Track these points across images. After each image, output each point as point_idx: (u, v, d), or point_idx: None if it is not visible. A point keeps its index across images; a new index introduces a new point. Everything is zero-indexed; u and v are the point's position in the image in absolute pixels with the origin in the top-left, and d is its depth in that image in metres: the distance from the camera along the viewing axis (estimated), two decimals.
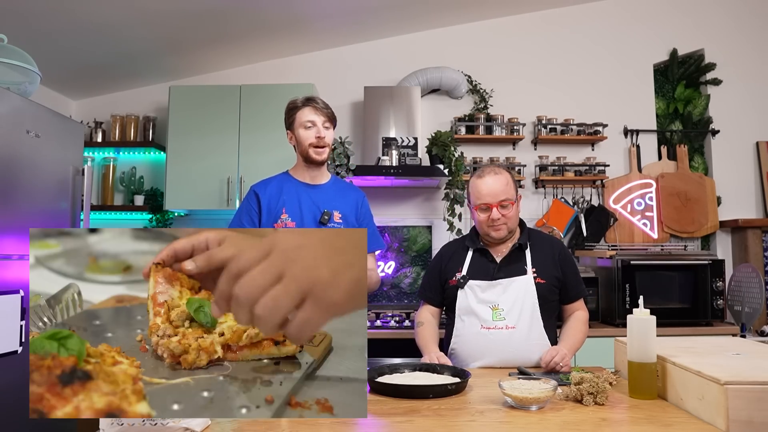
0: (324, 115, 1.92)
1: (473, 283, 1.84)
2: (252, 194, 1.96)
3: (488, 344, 1.78)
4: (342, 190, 2.05)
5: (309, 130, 1.90)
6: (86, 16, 2.84)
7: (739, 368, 1.22)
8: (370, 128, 3.45)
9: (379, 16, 3.47)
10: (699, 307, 3.06)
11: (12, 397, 2.03)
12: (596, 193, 3.63)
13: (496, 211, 1.83)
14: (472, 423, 1.20)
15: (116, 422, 1.07)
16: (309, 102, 1.92)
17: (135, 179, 3.70)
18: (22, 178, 2.20)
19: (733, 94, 3.72)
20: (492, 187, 1.84)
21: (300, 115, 1.91)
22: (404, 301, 3.58)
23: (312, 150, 1.91)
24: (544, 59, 3.75)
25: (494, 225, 1.84)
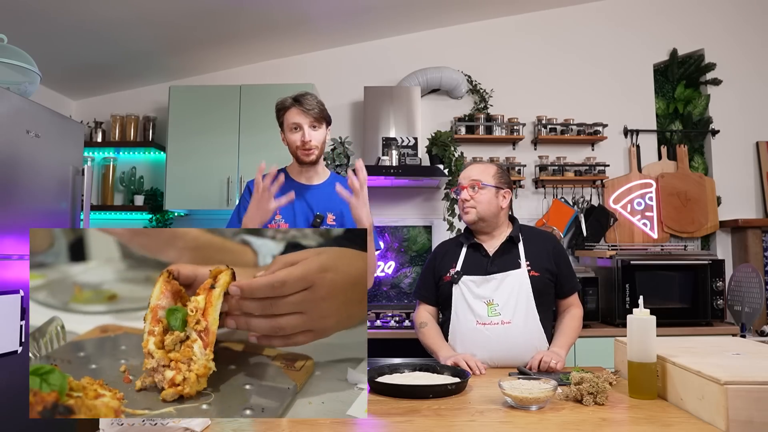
0: (311, 116, 1.85)
1: (467, 278, 1.84)
2: (247, 191, 1.93)
3: (484, 340, 1.78)
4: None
5: (295, 133, 1.85)
6: (86, 16, 2.84)
7: (739, 368, 1.22)
8: (370, 128, 3.45)
9: (379, 16, 3.47)
10: (699, 307, 3.05)
11: (12, 397, 2.03)
12: (596, 193, 3.63)
13: (465, 192, 1.86)
14: (472, 423, 1.20)
15: (116, 422, 1.08)
16: (296, 103, 1.85)
17: (135, 179, 3.70)
18: (22, 178, 2.20)
19: (733, 94, 3.72)
20: (469, 170, 1.91)
21: (287, 117, 1.87)
22: (404, 301, 3.58)
23: (300, 152, 1.87)
24: (544, 59, 3.75)
25: (463, 208, 1.88)
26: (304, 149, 1.86)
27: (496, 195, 1.87)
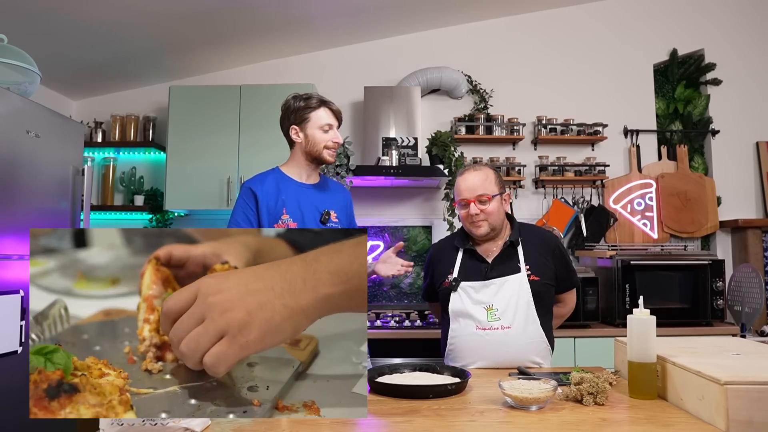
0: (338, 119, 1.96)
1: (466, 284, 1.82)
2: (248, 192, 1.92)
3: (484, 345, 1.77)
4: (333, 189, 2.07)
5: (327, 133, 1.93)
6: (86, 16, 2.84)
7: (739, 368, 1.22)
8: (370, 128, 3.45)
9: (379, 16, 3.47)
10: (699, 307, 3.05)
11: (12, 397, 2.03)
12: (596, 193, 3.63)
13: (474, 207, 1.82)
14: (472, 423, 1.20)
15: (116, 422, 1.08)
16: (325, 104, 1.94)
17: (135, 179, 3.70)
18: (22, 178, 2.20)
19: (733, 94, 3.72)
20: (470, 182, 1.84)
21: (318, 116, 1.92)
22: (404, 301, 3.58)
23: (326, 152, 1.94)
24: (544, 59, 3.75)
25: (474, 221, 1.83)
26: (332, 150, 1.95)
27: (500, 202, 1.86)
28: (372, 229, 3.59)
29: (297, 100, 1.95)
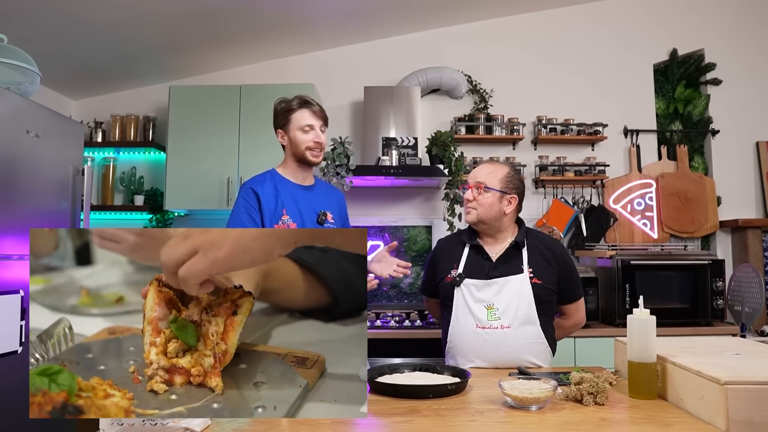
0: (320, 119, 1.95)
1: (469, 281, 1.82)
2: (250, 192, 1.93)
3: (484, 344, 1.77)
4: (328, 191, 2.09)
5: (307, 133, 1.92)
6: (86, 16, 2.84)
7: (739, 368, 1.22)
8: (370, 128, 3.45)
9: (379, 16, 3.47)
10: (699, 307, 3.05)
11: (12, 397, 2.03)
12: (596, 193, 3.63)
13: (469, 192, 1.86)
14: (472, 423, 1.20)
15: (116, 422, 1.07)
16: (306, 105, 1.94)
17: (135, 179, 3.70)
18: (22, 178, 2.20)
19: (733, 94, 3.72)
20: (477, 170, 1.91)
21: (298, 118, 1.92)
22: (404, 301, 3.58)
23: (309, 153, 1.94)
24: (544, 59, 3.75)
25: (466, 206, 1.88)
26: (315, 150, 1.94)
27: (499, 199, 1.85)
28: (372, 229, 3.59)
29: (281, 103, 1.97)
